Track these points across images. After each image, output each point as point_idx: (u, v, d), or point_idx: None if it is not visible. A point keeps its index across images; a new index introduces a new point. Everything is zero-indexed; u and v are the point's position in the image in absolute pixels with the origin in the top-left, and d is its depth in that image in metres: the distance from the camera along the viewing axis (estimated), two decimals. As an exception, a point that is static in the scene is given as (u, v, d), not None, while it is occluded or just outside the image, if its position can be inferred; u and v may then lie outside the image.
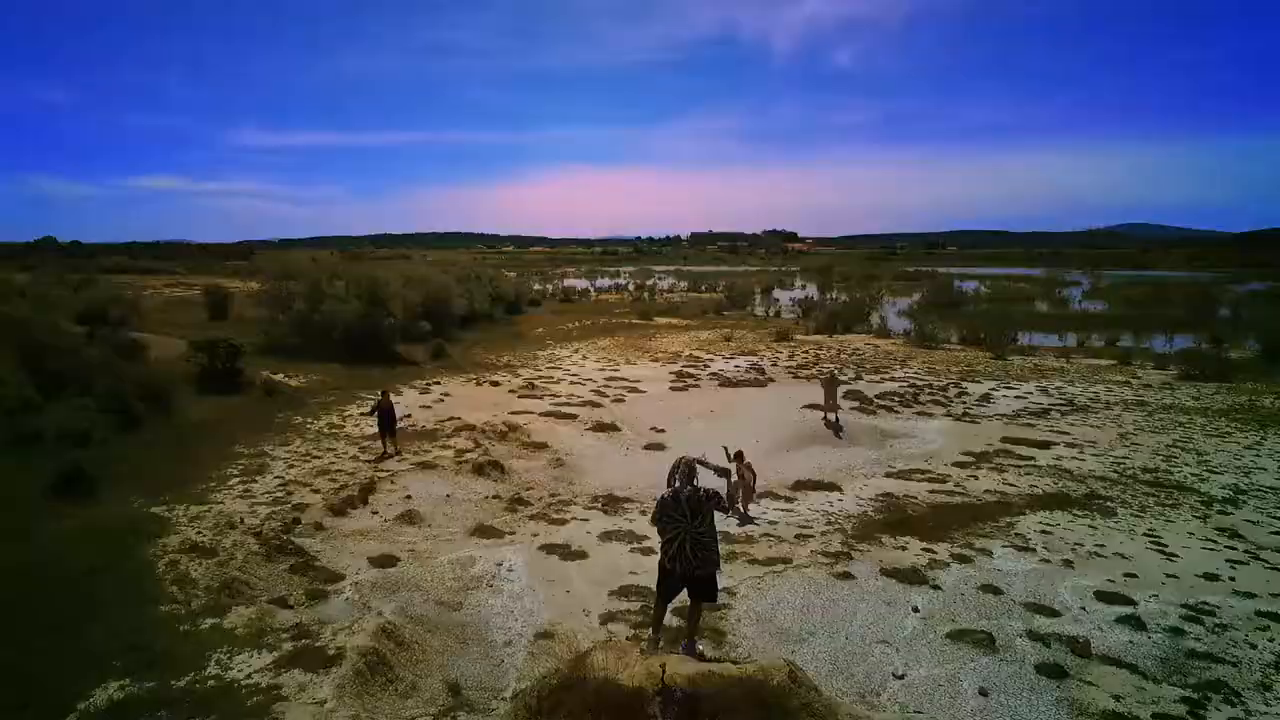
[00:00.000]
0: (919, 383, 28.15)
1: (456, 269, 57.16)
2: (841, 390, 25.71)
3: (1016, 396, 25.99)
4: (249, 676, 6.99)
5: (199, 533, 11.50)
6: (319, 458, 16.70)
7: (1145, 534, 13.43)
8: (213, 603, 8.80)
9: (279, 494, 13.95)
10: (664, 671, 4.84)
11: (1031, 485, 16.15)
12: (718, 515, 6.28)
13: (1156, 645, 9.44)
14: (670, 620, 6.76)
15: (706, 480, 6.42)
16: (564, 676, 4.86)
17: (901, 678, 8.49)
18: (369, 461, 16.53)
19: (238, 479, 14.86)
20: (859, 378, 29.15)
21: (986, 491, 15.67)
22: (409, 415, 21.28)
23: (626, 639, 7.02)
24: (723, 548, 12.00)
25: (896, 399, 25.00)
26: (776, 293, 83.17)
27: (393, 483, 14.99)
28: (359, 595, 9.99)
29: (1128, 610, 10.33)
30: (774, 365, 32.36)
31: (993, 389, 27.25)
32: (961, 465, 17.64)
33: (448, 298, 38.30)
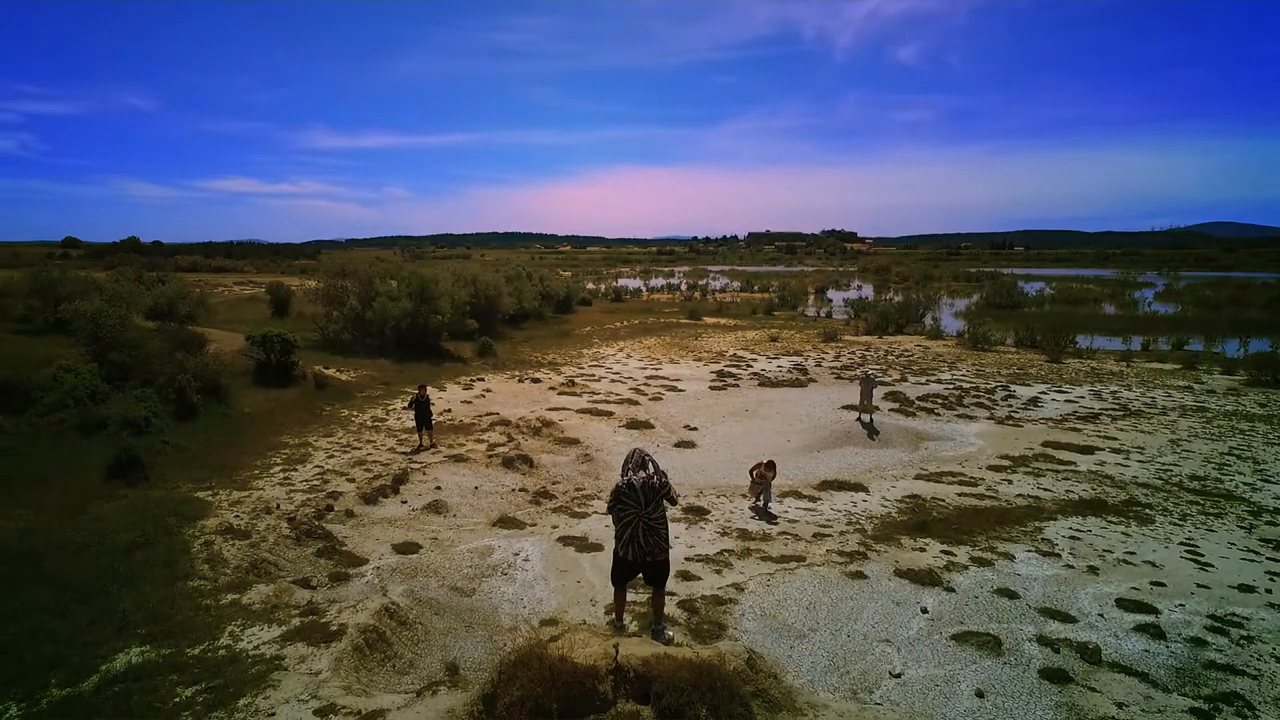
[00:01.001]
0: (965, 385, 27.55)
1: (508, 268, 58.12)
2: (882, 392, 25.48)
3: (1066, 400, 25.22)
4: (256, 648, 7.44)
5: (236, 516, 12.15)
6: (358, 449, 17.36)
7: (1182, 543, 12.97)
8: (238, 580, 9.34)
9: (316, 482, 14.58)
10: (617, 652, 5.03)
11: (1068, 490, 15.73)
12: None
13: (1173, 655, 9.17)
14: (673, 613, 6.91)
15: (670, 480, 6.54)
16: (523, 653, 5.10)
17: (898, 676, 8.47)
18: (405, 453, 17.10)
19: (280, 467, 15.59)
20: (903, 379, 28.70)
21: (1018, 496, 15.34)
22: (449, 410, 21.92)
23: (607, 624, 7.19)
24: (738, 544, 12.31)
25: (939, 401, 24.54)
26: (831, 293, 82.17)
27: (424, 474, 15.50)
28: (378, 579, 10.44)
29: (1148, 619, 10.05)
30: (817, 366, 32.07)
31: (1042, 392, 26.49)
32: (996, 469, 17.27)
33: (496, 296, 39.05)
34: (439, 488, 14.77)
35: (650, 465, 6.28)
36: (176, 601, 8.40)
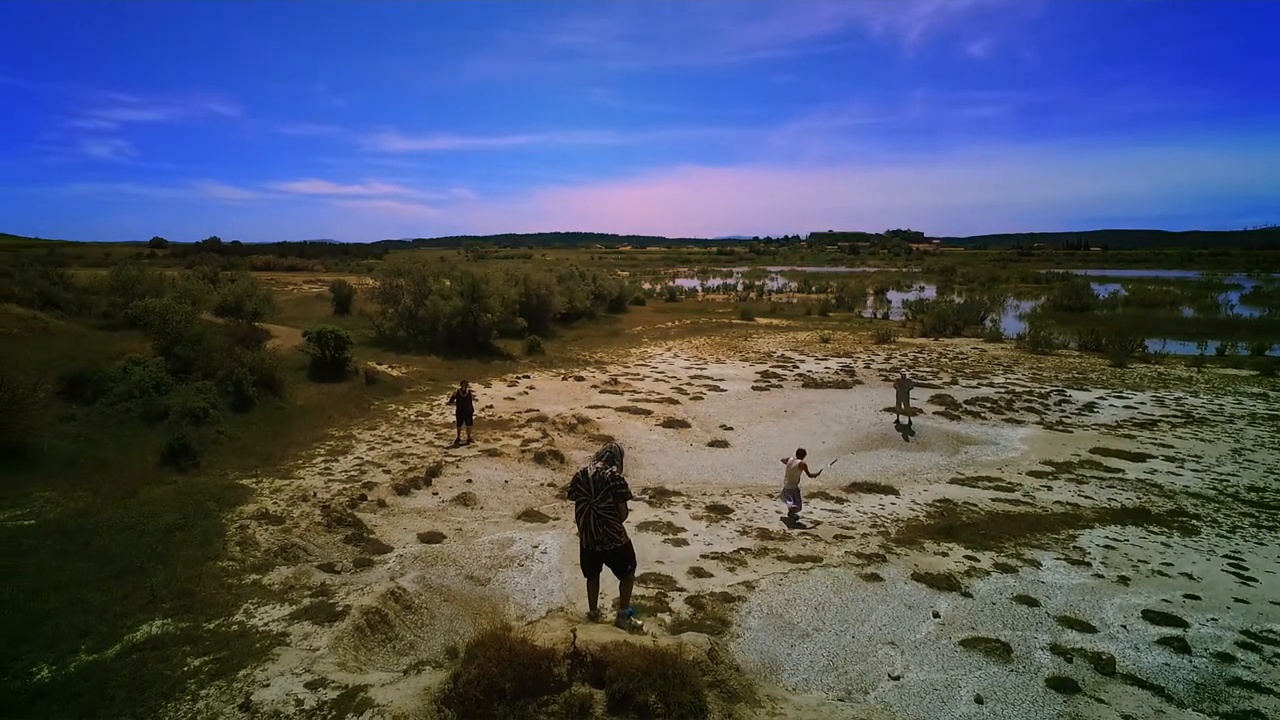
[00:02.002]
0: (1018, 389, 26.76)
1: (561, 268, 58.85)
2: (927, 395, 25.01)
3: (1125, 406, 24.24)
4: (266, 624, 7.87)
5: (274, 503, 12.77)
6: (399, 442, 17.96)
7: (1226, 555, 12.41)
8: (263, 563, 9.85)
9: (354, 473, 15.17)
10: (574, 637, 5.19)
11: (1110, 498, 15.21)
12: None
13: (1196, 670, 8.83)
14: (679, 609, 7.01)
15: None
16: (485, 635, 5.30)
17: (897, 678, 8.39)
18: (442, 447, 17.60)
19: (322, 458, 16.26)
20: (953, 382, 28.05)
21: (1056, 503, 14.90)
22: (491, 406, 22.44)
23: (584, 613, 7.35)
24: (756, 543, 12.32)
25: (987, 405, 23.91)
26: (891, 294, 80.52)
27: (458, 467, 15.95)
28: (400, 566, 10.85)
29: (1175, 632, 9.69)
30: (866, 368, 31.57)
31: (1100, 398, 25.52)
32: (1037, 475, 16.79)
33: (547, 295, 39.65)
34: (470, 481, 15.19)
35: (616, 462, 6.44)
36: (203, 580, 8.94)
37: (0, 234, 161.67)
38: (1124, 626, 9.88)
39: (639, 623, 6.03)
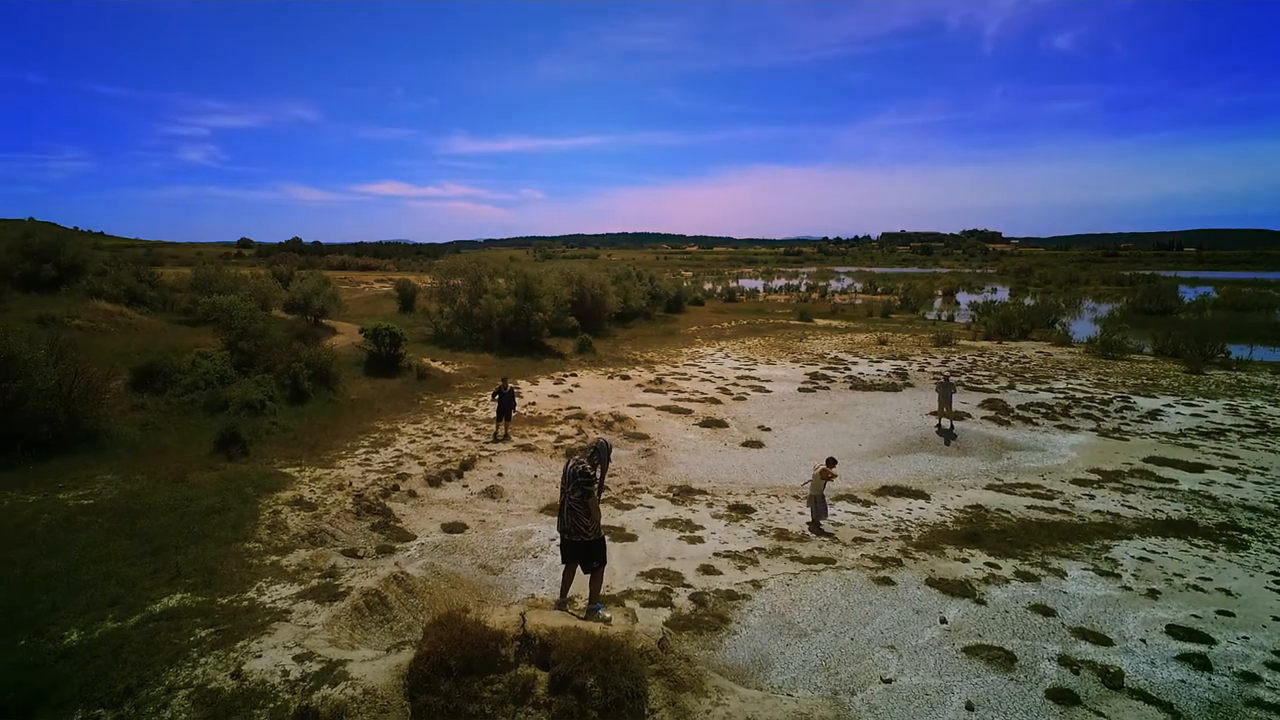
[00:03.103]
0: (1079, 395, 25.76)
1: (618, 268, 59.29)
2: (978, 399, 24.36)
3: (1193, 414, 23.07)
4: (273, 601, 8.37)
5: (311, 490, 13.44)
6: (438, 436, 18.57)
7: (1274, 573, 11.76)
8: (286, 545, 10.43)
9: (391, 464, 15.79)
10: (524, 620, 5.40)
11: (1156, 509, 14.57)
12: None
13: (1214, 689, 8.47)
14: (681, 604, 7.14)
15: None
16: (442, 616, 5.56)
17: (888, 682, 8.33)
18: (480, 442, 18.12)
19: (365, 449, 16.97)
20: (1010, 387, 27.20)
21: (1096, 512, 14.37)
22: (533, 403, 22.93)
23: (546, 599, 7.54)
24: (772, 543, 12.32)
25: (1042, 410, 23.11)
26: (961, 296, 78.22)
27: (491, 461, 16.42)
28: (419, 554, 11.29)
29: (1198, 648, 9.29)
30: (920, 371, 30.87)
31: (1166, 405, 24.35)
32: (1082, 483, 16.20)
33: (602, 295, 40.07)
34: (500, 474, 15.62)
35: (602, 459, 6.61)
36: (227, 559, 9.54)
37: (104, 234, 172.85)
38: (1143, 640, 9.53)
39: (607, 615, 6.20)
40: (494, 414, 19.60)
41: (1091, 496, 15.37)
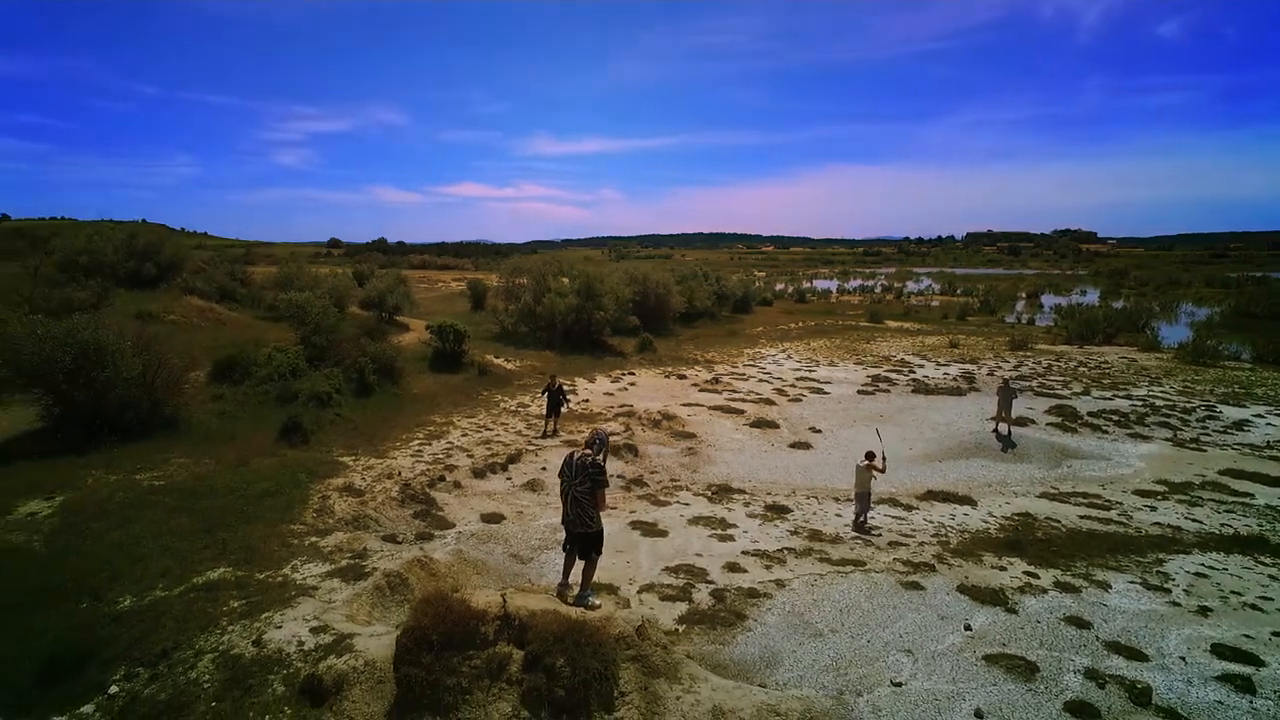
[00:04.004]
0: (1159, 402, 24.46)
1: (684, 268, 59.35)
2: (1047, 404, 23.49)
3: (1285, 425, 21.63)
4: (304, 578, 8.91)
5: (362, 478, 14.12)
6: (490, 430, 19.15)
7: (1346, 594, 11.02)
8: (329, 528, 11.04)
9: (441, 455, 16.40)
10: (505, 601, 5.65)
11: (1223, 524, 13.80)
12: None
13: (1254, 712, 8.04)
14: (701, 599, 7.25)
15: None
16: (430, 594, 5.86)
17: (898, 685, 8.24)
18: (529, 437, 18.59)
19: (419, 441, 17.66)
20: (1084, 393, 26.04)
21: (1155, 524, 13.71)
22: (587, 400, 23.34)
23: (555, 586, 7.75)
24: (803, 544, 12.28)
25: (1114, 418, 22.06)
26: (1046, 298, 75.00)
27: (536, 455, 16.84)
28: (455, 541, 11.76)
29: (1244, 669, 8.82)
30: (990, 375, 29.84)
31: (1256, 415, 22.87)
32: (1145, 494, 15.47)
33: (666, 295, 40.29)
34: (544, 469, 16.01)
35: (602, 450, 6.80)
36: (270, 538, 10.19)
37: (208, 235, 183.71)
38: (1183, 659, 9.10)
39: (597, 603, 6.38)
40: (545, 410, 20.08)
41: (1153, 508, 14.67)
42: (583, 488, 6.55)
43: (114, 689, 6.83)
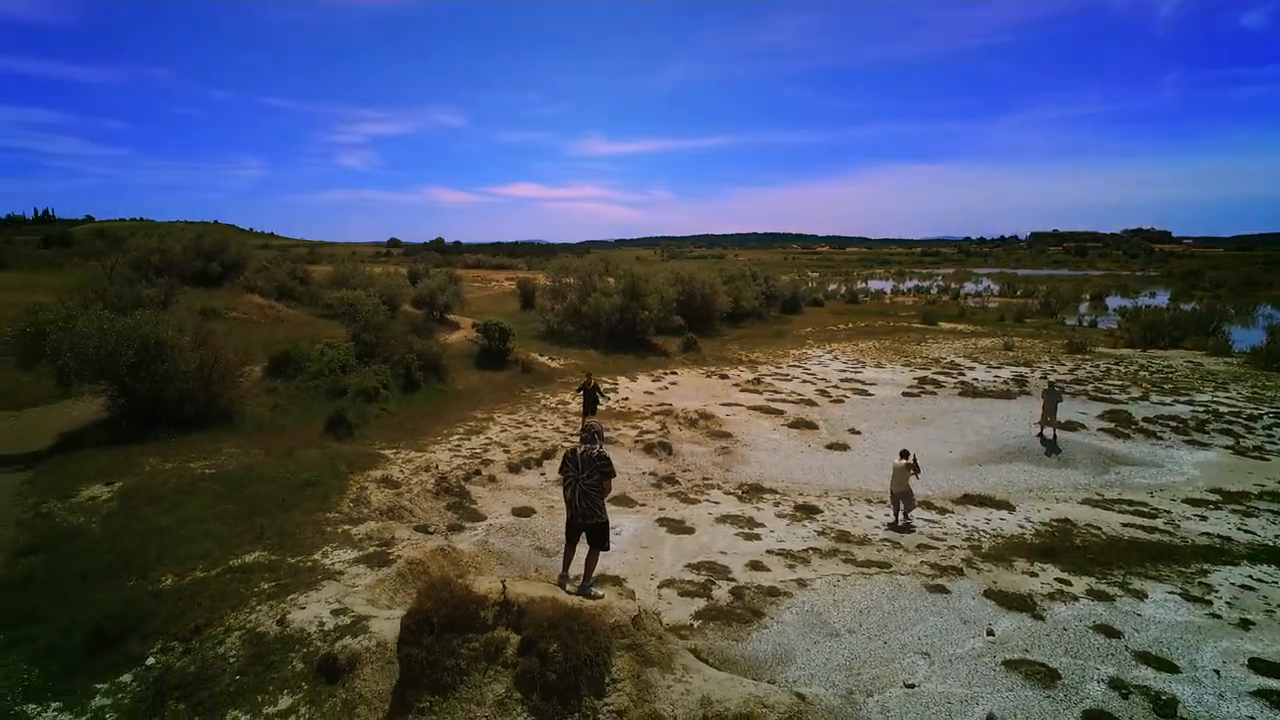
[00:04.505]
0: (1222, 409, 23.46)
1: (732, 268, 59.06)
2: (1100, 409, 22.79)
3: (1360, 434, 20.53)
4: (333, 564, 9.29)
5: (400, 470, 14.57)
6: (529, 426, 19.49)
7: (1405, 613, 10.47)
8: (363, 517, 11.46)
9: (479, 450, 16.79)
10: (504, 588, 5.85)
11: (1278, 536, 13.23)
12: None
13: (1287, 729, 7.75)
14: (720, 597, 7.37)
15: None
16: (436, 579, 6.09)
17: (911, 687, 8.18)
18: (566, 433, 18.86)
19: (459, 436, 18.10)
20: (1143, 398, 25.13)
21: (1203, 534, 13.22)
22: (626, 399, 23.54)
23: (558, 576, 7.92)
24: (830, 544, 12.25)
25: (1171, 424, 21.25)
26: (1112, 300, 72.23)
27: (571, 451, 17.08)
28: (484, 534, 12.08)
29: (1280, 685, 8.50)
30: (1042, 378, 28.95)
31: (1329, 423, 21.77)
32: (1196, 503, 14.92)
33: (712, 295, 40.24)
34: (578, 465, 16.24)
35: (598, 440, 6.95)
36: (305, 525, 10.63)
37: (274, 235, 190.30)
38: (1217, 671, 8.80)
39: (601, 593, 6.52)
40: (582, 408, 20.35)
41: (1203, 518, 14.15)
42: (591, 480, 6.70)
43: (151, 660, 7.28)
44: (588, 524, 6.79)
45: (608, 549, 7.14)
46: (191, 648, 7.27)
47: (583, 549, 7.01)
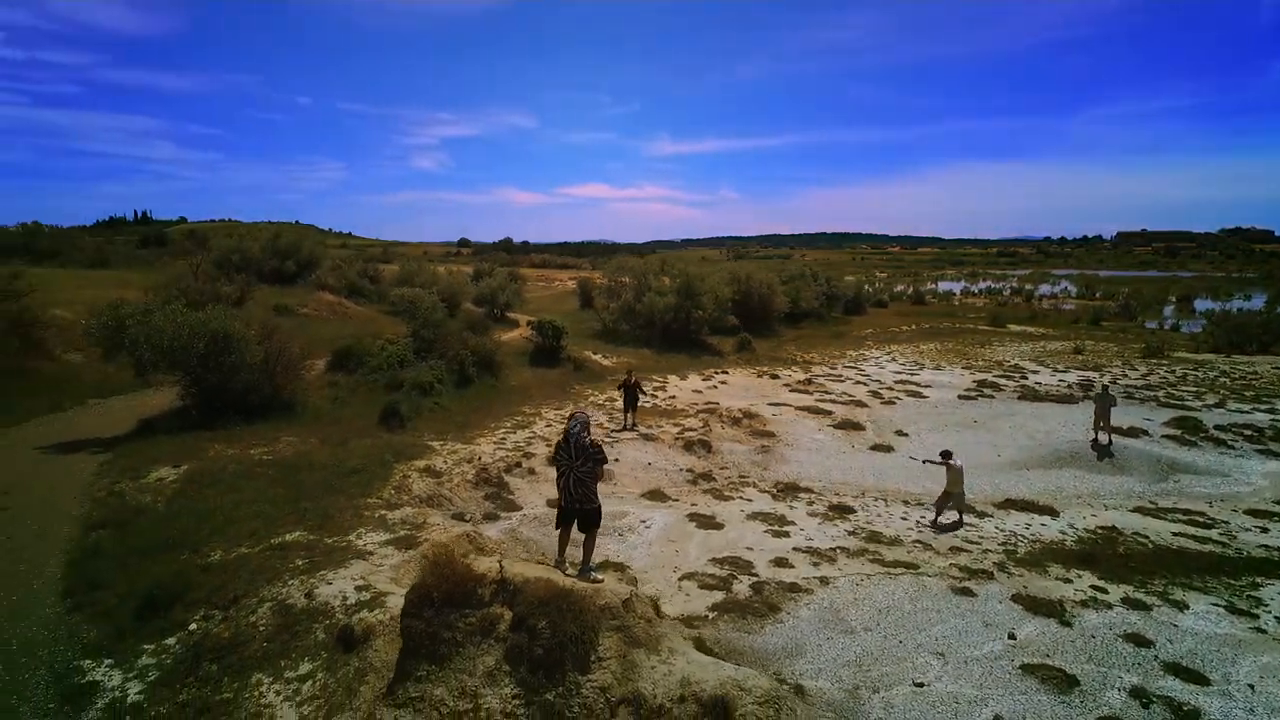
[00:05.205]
0: (1307, 418, 22.18)
1: (792, 268, 58.46)
2: (1167, 415, 21.90)
3: None
4: (365, 545, 9.80)
5: (444, 461, 15.13)
6: (574, 421, 19.88)
7: None
8: (403, 504, 12.01)
9: (522, 444, 17.26)
10: (501, 568, 6.15)
11: (1346, 550, 12.54)
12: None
13: (1318, 748, 7.44)
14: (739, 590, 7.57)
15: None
16: (439, 557, 6.44)
17: (920, 685, 8.16)
18: (609, 429, 19.19)
19: (505, 430, 18.63)
20: (1219, 405, 23.95)
21: (1261, 546, 12.65)
22: (674, 397, 23.75)
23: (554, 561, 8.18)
24: (859, 544, 12.25)
25: (1246, 432, 20.19)
26: (1201, 303, 68.50)
27: (611, 447, 17.34)
28: (518, 523, 12.50)
29: (1321, 705, 8.13)
30: (1112, 383, 27.85)
31: None
32: (1260, 514, 14.25)
33: (769, 295, 40.07)
34: (617, 460, 16.54)
35: (587, 429, 7.19)
36: (346, 509, 11.22)
37: (351, 235, 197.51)
38: (1251, 686, 8.48)
39: (600, 577, 6.76)
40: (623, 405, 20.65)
41: (1264, 529, 13.52)
42: (585, 468, 6.95)
43: (193, 626, 7.90)
44: (583, 510, 7.04)
45: (598, 525, 7.35)
46: (229, 616, 7.87)
47: (580, 535, 7.26)
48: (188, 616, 8.11)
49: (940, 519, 13.43)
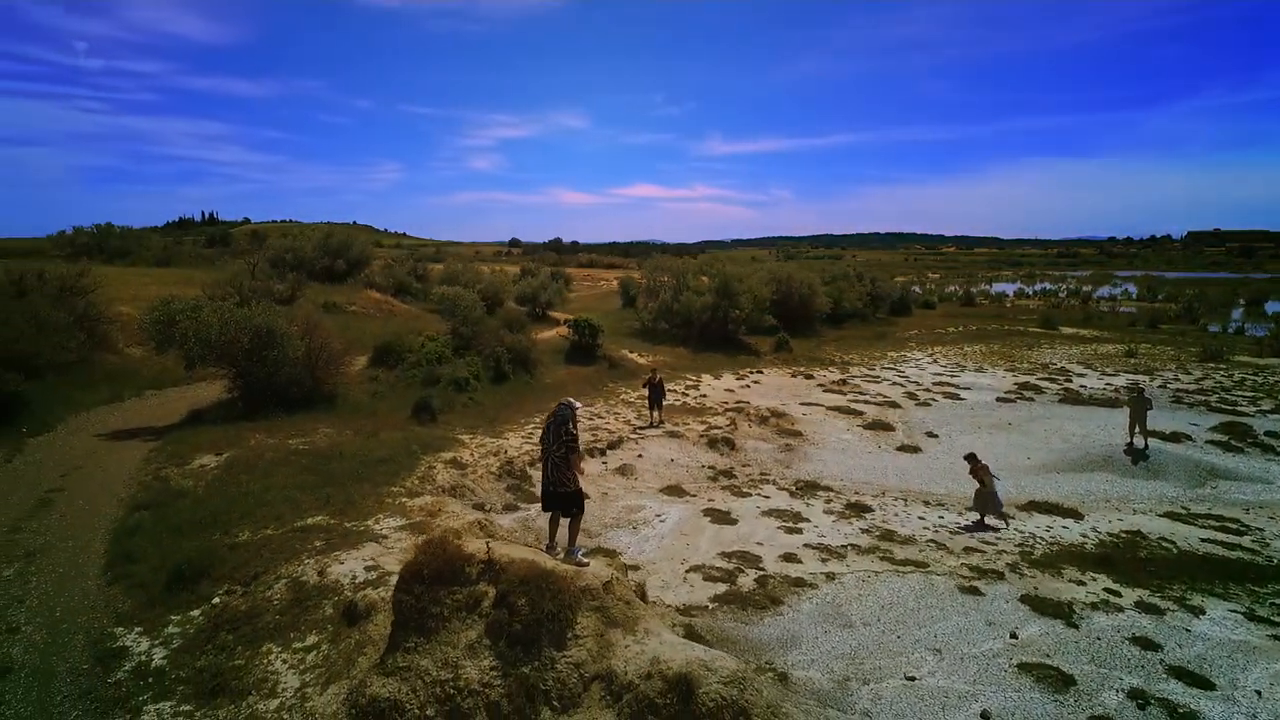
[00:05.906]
0: (1367, 425, 21.22)
1: (836, 268, 57.83)
2: (1215, 420, 21.25)
3: None
4: (381, 529, 10.27)
5: (471, 454, 15.63)
6: (603, 418, 20.25)
7: None
8: (425, 492, 12.49)
9: (549, 438, 17.65)
10: (489, 548, 6.48)
11: (1386, 562, 12.07)
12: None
13: (1320, 757, 7.30)
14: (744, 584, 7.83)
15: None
16: (431, 536, 6.79)
17: (911, 679, 8.24)
18: (635, 425, 19.49)
19: (534, 425, 19.06)
20: (1275, 410, 23.10)
21: (1293, 554, 12.26)
22: (704, 395, 23.92)
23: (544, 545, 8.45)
24: (871, 542, 12.30)
25: (1297, 439, 19.48)
26: (1271, 305, 65.55)
27: (636, 443, 17.69)
28: (534, 514, 12.86)
29: (1331, 714, 7.95)
30: (1162, 388, 27.06)
31: None
32: (1297, 522, 13.78)
33: (810, 295, 39.85)
34: (640, 456, 16.84)
35: (569, 418, 7.48)
36: (369, 496, 11.74)
37: (406, 235, 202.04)
38: (1258, 693, 8.32)
39: (586, 560, 7.03)
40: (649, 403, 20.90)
41: (1300, 537, 13.08)
42: (559, 454, 7.28)
43: (216, 600, 8.45)
44: (558, 493, 7.34)
45: (580, 509, 7.62)
46: (248, 591, 8.39)
47: (566, 519, 7.57)
48: (213, 591, 8.67)
49: (987, 520, 13.42)
